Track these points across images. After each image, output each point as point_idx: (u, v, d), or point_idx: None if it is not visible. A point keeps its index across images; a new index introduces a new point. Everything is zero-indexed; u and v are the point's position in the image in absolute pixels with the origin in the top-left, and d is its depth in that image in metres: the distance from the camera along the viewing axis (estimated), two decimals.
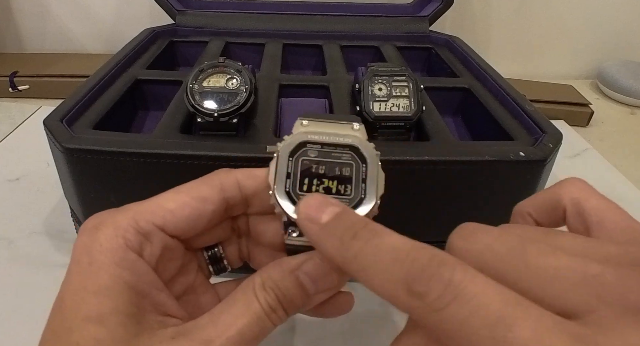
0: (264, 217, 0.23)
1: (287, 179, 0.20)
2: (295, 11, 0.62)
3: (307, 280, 0.19)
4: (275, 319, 0.19)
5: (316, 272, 0.19)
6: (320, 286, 0.20)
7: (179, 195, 0.21)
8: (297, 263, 0.19)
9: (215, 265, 0.24)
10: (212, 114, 0.33)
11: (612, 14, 0.83)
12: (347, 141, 0.21)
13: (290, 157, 0.20)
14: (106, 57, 0.48)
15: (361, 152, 0.21)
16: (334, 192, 0.20)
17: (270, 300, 0.19)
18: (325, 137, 0.21)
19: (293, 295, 0.19)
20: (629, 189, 0.55)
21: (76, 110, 0.37)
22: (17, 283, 0.38)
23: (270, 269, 0.20)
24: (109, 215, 0.20)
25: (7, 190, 0.49)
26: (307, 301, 0.20)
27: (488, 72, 0.48)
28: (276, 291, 0.19)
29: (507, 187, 0.35)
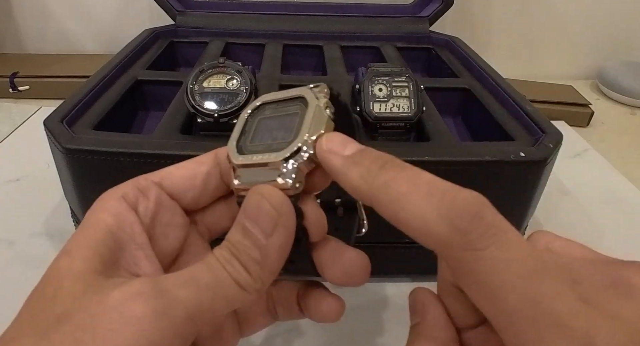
0: None
1: (241, 135, 0.21)
2: (295, 12, 0.62)
3: (249, 223, 0.18)
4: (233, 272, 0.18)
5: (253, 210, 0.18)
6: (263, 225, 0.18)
7: (179, 164, 0.22)
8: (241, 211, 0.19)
9: None
10: (213, 115, 0.33)
11: (612, 14, 0.83)
12: (295, 94, 0.21)
13: (250, 118, 0.22)
14: (106, 58, 0.48)
15: (306, 99, 0.20)
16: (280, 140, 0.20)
17: (224, 253, 0.18)
18: (279, 96, 0.22)
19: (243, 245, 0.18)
20: (629, 189, 0.55)
21: (76, 110, 0.37)
22: (18, 284, 0.38)
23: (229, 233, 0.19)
24: None
25: (8, 190, 0.49)
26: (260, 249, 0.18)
27: (488, 72, 0.48)
28: (229, 246, 0.18)
29: (508, 187, 0.35)
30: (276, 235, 0.18)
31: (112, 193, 0.20)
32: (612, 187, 0.55)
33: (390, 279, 0.40)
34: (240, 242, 0.18)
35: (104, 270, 0.18)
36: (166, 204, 0.21)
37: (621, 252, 0.46)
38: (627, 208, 0.51)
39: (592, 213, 0.50)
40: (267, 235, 0.18)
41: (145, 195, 0.21)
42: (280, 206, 0.18)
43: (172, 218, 0.22)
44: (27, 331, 0.16)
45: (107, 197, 0.20)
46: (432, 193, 0.16)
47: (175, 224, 0.22)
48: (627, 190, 0.54)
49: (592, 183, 0.55)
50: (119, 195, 0.20)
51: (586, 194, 0.53)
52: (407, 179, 0.17)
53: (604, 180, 0.56)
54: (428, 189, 0.16)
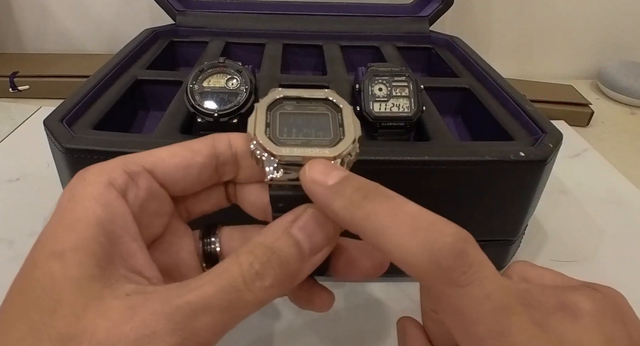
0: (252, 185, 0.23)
1: (267, 127, 0.20)
2: (295, 11, 0.62)
3: (301, 235, 0.18)
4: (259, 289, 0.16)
5: (311, 224, 0.18)
6: (316, 242, 0.18)
7: (172, 147, 0.21)
8: (289, 220, 0.18)
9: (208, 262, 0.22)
10: (212, 114, 0.33)
11: (612, 14, 0.83)
12: (319, 95, 0.22)
13: (268, 111, 0.21)
14: (106, 57, 0.48)
15: (335, 102, 0.21)
16: (314, 136, 0.20)
17: (257, 264, 0.17)
18: (299, 94, 0.22)
19: (288, 255, 0.17)
20: (629, 189, 0.55)
21: (76, 110, 0.37)
22: None
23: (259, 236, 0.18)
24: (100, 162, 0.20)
25: (7, 190, 0.49)
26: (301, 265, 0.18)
27: (488, 72, 0.48)
28: (268, 253, 0.17)
29: (507, 187, 0.35)
30: (320, 255, 0.19)
31: (97, 176, 0.18)
32: (612, 186, 0.55)
33: (390, 279, 0.40)
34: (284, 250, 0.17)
35: (101, 274, 0.16)
36: (156, 193, 0.20)
37: (620, 251, 0.46)
38: (627, 207, 0.51)
39: (592, 213, 0.50)
40: (315, 252, 0.18)
41: (136, 182, 0.19)
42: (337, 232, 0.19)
43: (160, 207, 0.21)
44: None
45: (91, 180, 0.18)
46: (417, 227, 0.16)
47: (162, 213, 0.21)
48: (626, 190, 0.54)
49: (591, 182, 0.55)
50: (105, 180, 0.18)
51: (586, 194, 0.53)
52: (390, 211, 0.17)
53: (604, 180, 0.56)
54: (412, 222, 0.16)
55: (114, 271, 0.17)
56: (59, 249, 0.16)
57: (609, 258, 0.44)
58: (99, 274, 0.16)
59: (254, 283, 0.16)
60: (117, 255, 0.18)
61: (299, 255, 0.18)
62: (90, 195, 0.18)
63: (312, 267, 0.18)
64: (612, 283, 0.19)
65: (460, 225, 0.20)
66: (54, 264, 0.16)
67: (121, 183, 0.19)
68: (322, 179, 0.18)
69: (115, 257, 0.17)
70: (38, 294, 0.16)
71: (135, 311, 0.16)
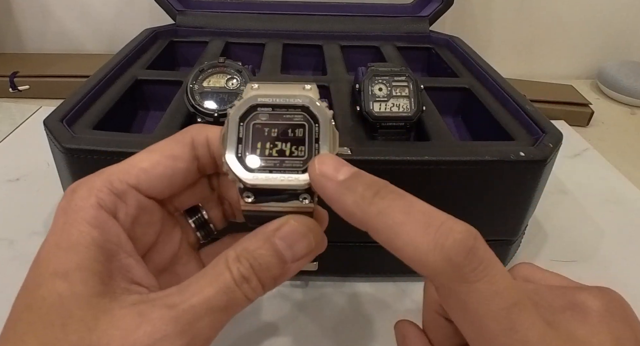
0: None
1: (238, 144, 0.20)
2: (295, 11, 0.62)
3: (283, 245, 0.19)
4: (247, 290, 0.18)
5: (292, 236, 0.19)
6: (297, 251, 0.19)
7: (151, 154, 0.21)
8: (272, 229, 0.19)
9: (202, 230, 0.24)
10: (212, 114, 0.33)
11: (612, 14, 0.83)
12: (297, 101, 0.20)
13: (241, 122, 0.20)
14: (106, 57, 0.48)
15: (312, 112, 0.20)
16: (287, 154, 0.20)
17: (243, 270, 0.18)
18: (275, 99, 0.20)
19: (268, 262, 0.19)
20: (629, 189, 0.55)
21: (76, 110, 0.37)
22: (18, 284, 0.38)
23: (244, 241, 0.19)
24: (86, 178, 0.20)
25: (8, 190, 0.49)
26: (283, 269, 0.19)
27: (488, 72, 0.48)
28: (251, 261, 0.18)
29: (507, 187, 0.35)
30: (303, 260, 0.19)
31: (86, 199, 0.19)
32: (612, 186, 0.55)
33: (390, 279, 0.40)
34: (266, 258, 0.18)
35: (106, 290, 0.18)
36: (145, 206, 0.21)
37: (621, 251, 0.46)
38: (627, 207, 0.51)
39: (592, 213, 0.50)
40: (296, 259, 0.19)
41: (124, 200, 0.20)
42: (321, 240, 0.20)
43: (151, 216, 0.21)
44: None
45: (82, 205, 0.19)
46: (429, 224, 0.17)
47: (154, 221, 0.22)
48: (626, 190, 0.54)
49: (591, 182, 0.55)
50: (95, 203, 0.19)
51: (586, 194, 0.53)
52: (402, 208, 0.17)
53: (604, 180, 0.56)
54: (424, 219, 0.17)
55: (116, 286, 0.18)
56: (62, 269, 0.17)
57: (609, 258, 0.44)
58: (103, 290, 0.18)
59: (242, 285, 0.18)
60: (117, 271, 0.19)
61: (279, 262, 0.19)
62: (83, 219, 0.19)
63: (296, 269, 0.20)
64: (612, 283, 0.20)
65: None
66: (59, 283, 0.17)
67: (110, 204, 0.19)
68: (332, 174, 0.18)
69: (114, 272, 0.19)
70: (46, 311, 0.17)
71: (144, 318, 0.17)
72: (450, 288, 0.17)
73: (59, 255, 0.18)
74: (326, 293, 0.38)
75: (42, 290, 0.17)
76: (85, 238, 0.18)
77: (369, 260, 0.39)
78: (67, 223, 0.19)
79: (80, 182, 0.20)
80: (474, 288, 0.16)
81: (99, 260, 0.18)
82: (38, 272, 0.18)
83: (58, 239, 0.18)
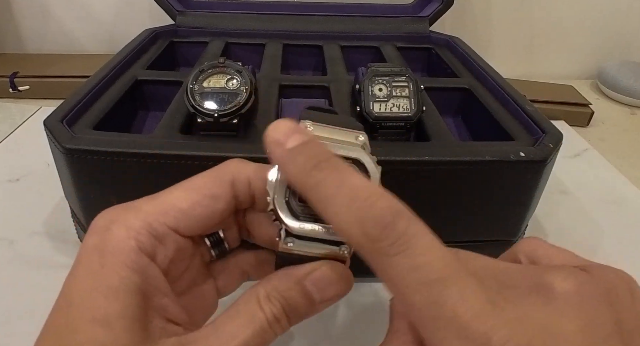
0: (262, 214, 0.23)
1: (287, 189, 0.20)
2: (295, 11, 0.62)
3: (314, 289, 0.19)
4: (278, 329, 0.19)
5: (324, 281, 0.20)
6: (326, 295, 0.20)
7: (190, 193, 0.21)
8: (304, 273, 0.20)
9: (216, 249, 0.24)
10: (212, 115, 0.33)
11: (612, 14, 0.83)
12: (352, 155, 0.20)
13: None
14: (106, 58, 0.48)
15: (365, 167, 0.21)
16: None
17: (275, 311, 0.19)
18: (330, 144, 0.20)
19: (299, 304, 0.19)
20: (629, 189, 0.55)
21: (76, 110, 0.37)
22: (18, 284, 0.38)
23: (274, 280, 0.20)
24: (120, 214, 0.20)
25: (8, 190, 0.49)
26: (311, 309, 0.20)
27: (488, 72, 0.48)
28: (282, 301, 0.19)
29: (508, 187, 0.35)
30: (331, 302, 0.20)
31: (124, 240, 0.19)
32: (612, 186, 0.55)
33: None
34: (296, 299, 0.19)
35: (146, 336, 0.18)
36: (182, 248, 0.21)
37: (621, 251, 0.46)
38: (627, 208, 0.51)
39: (592, 213, 0.50)
40: (325, 302, 0.20)
41: (163, 243, 0.20)
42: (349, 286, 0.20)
43: (186, 254, 0.21)
44: None
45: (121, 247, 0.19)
46: (354, 198, 0.17)
47: (188, 258, 0.22)
48: (627, 190, 0.54)
49: (592, 183, 0.55)
50: (134, 246, 0.19)
51: (586, 194, 0.53)
52: (335, 182, 0.17)
53: (604, 180, 0.56)
54: (351, 194, 0.17)
55: (155, 327, 0.19)
56: (102, 316, 0.17)
57: (609, 258, 0.44)
58: (144, 336, 0.18)
59: (274, 325, 0.19)
60: (154, 312, 0.19)
61: (308, 304, 0.20)
62: (124, 263, 0.18)
63: (324, 308, 0.20)
64: None
65: (461, 225, 0.20)
66: (100, 331, 0.17)
67: (149, 248, 0.19)
68: (282, 140, 0.19)
69: (152, 313, 0.19)
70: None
71: None
72: (372, 261, 0.17)
73: (97, 300, 0.17)
74: None
75: (80, 336, 0.17)
76: (127, 284, 0.18)
77: None
78: (105, 266, 0.18)
79: (113, 216, 0.20)
80: (391, 261, 0.16)
81: (140, 306, 0.18)
82: (72, 316, 0.17)
83: (95, 283, 0.18)
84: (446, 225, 0.21)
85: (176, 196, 0.21)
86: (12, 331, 0.34)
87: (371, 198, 0.17)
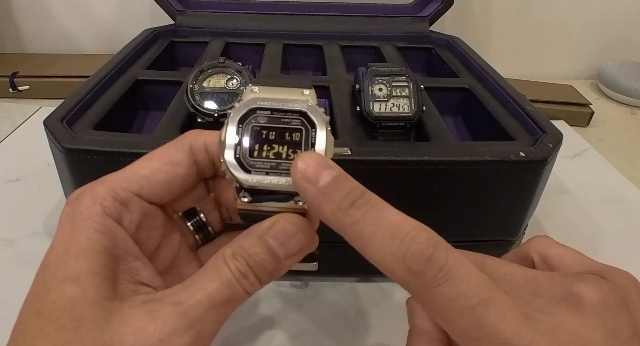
0: None
1: (237, 146, 0.20)
2: (295, 11, 0.62)
3: (275, 242, 0.20)
4: (246, 285, 0.19)
5: (284, 235, 0.20)
6: (289, 248, 0.20)
7: (151, 161, 0.22)
8: (264, 228, 0.20)
9: (200, 233, 0.25)
10: (212, 114, 0.33)
11: (612, 14, 0.83)
12: (296, 107, 0.21)
13: (240, 124, 0.21)
14: (106, 58, 0.48)
15: (310, 117, 0.21)
16: (284, 157, 0.20)
17: (240, 266, 0.19)
18: (274, 103, 0.21)
19: (263, 259, 0.20)
20: (629, 189, 0.55)
21: (76, 110, 0.37)
22: (18, 284, 0.38)
23: (239, 239, 0.20)
24: (88, 187, 0.21)
25: (8, 190, 0.49)
26: (278, 265, 0.20)
27: (488, 72, 0.48)
28: (247, 258, 0.19)
29: (508, 187, 0.35)
30: (296, 257, 0.20)
31: (91, 207, 0.20)
32: (612, 186, 0.55)
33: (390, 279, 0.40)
34: (260, 255, 0.20)
35: (115, 292, 0.19)
36: (147, 212, 0.22)
37: (621, 251, 0.46)
38: (627, 208, 0.51)
39: (592, 213, 0.50)
40: (289, 256, 0.20)
41: (127, 207, 0.21)
42: (312, 238, 0.21)
43: (154, 221, 0.22)
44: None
45: (88, 213, 0.20)
46: (395, 236, 0.17)
47: (157, 225, 0.22)
48: (627, 190, 0.54)
49: (592, 183, 0.55)
50: (100, 211, 0.20)
51: (586, 194, 0.53)
52: (373, 220, 0.18)
53: (604, 180, 0.56)
54: (391, 231, 0.18)
55: (125, 288, 0.19)
56: (73, 275, 0.18)
57: (609, 258, 0.43)
58: (113, 293, 0.19)
59: (241, 281, 0.19)
60: (124, 274, 0.20)
61: (273, 259, 0.20)
62: (91, 227, 0.19)
63: (290, 264, 0.21)
64: None
65: (461, 225, 0.20)
66: (70, 288, 0.18)
67: (114, 212, 0.20)
68: (313, 178, 0.18)
69: (122, 276, 0.20)
70: (57, 315, 0.17)
71: (154, 315, 0.18)
72: (417, 293, 0.18)
73: (68, 261, 0.19)
74: (325, 293, 0.38)
75: (52, 295, 0.18)
76: (95, 245, 0.19)
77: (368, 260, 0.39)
78: (74, 230, 0.19)
79: (83, 189, 0.21)
80: (436, 292, 0.17)
81: (108, 265, 0.19)
82: (47, 278, 0.19)
83: (66, 246, 0.19)
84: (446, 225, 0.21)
85: (139, 165, 0.22)
86: None
87: (411, 234, 0.17)
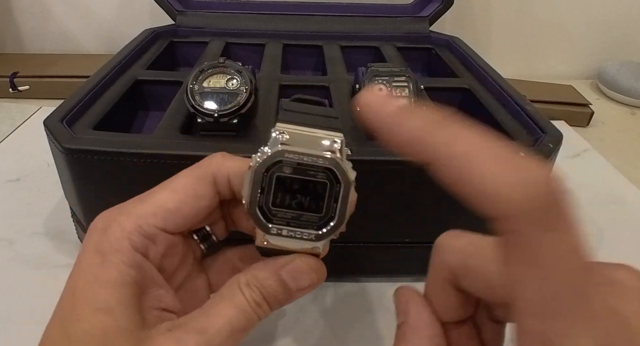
0: None
1: (260, 194, 0.21)
2: (295, 11, 0.62)
3: (288, 277, 0.21)
4: (260, 313, 0.21)
5: (298, 272, 0.22)
6: (301, 284, 0.22)
7: (175, 194, 0.23)
8: (280, 264, 0.22)
9: (205, 242, 0.25)
10: (212, 115, 0.33)
11: (612, 14, 0.83)
12: (324, 163, 0.21)
13: (265, 172, 0.21)
14: (106, 58, 0.48)
15: (337, 175, 0.21)
16: (306, 208, 0.21)
17: (255, 297, 0.21)
18: (302, 157, 0.21)
19: (276, 292, 0.21)
20: (629, 189, 0.55)
21: (76, 110, 0.37)
22: (18, 284, 0.38)
23: (255, 269, 0.22)
24: (114, 217, 0.22)
25: (8, 190, 0.49)
26: (289, 296, 0.22)
27: (488, 72, 0.48)
28: (260, 289, 0.21)
29: None
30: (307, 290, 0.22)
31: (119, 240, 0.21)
32: (612, 186, 0.55)
33: (390, 279, 0.40)
34: (274, 288, 0.21)
35: (143, 321, 0.20)
36: (172, 244, 0.23)
37: (621, 251, 0.46)
38: (627, 208, 0.51)
39: (592, 213, 0.50)
40: (300, 290, 0.22)
41: (154, 242, 0.22)
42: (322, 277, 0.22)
43: (176, 248, 0.23)
44: None
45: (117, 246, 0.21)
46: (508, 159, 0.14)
47: (178, 251, 0.24)
48: (627, 190, 0.54)
49: (592, 183, 0.55)
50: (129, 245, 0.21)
51: (586, 194, 0.53)
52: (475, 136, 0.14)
53: (604, 180, 0.56)
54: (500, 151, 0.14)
55: (150, 316, 0.21)
56: (104, 305, 0.19)
57: (609, 258, 0.43)
58: (141, 322, 0.20)
59: (256, 309, 0.21)
60: (149, 302, 0.21)
61: (285, 292, 0.22)
62: (121, 260, 0.21)
63: (301, 296, 0.22)
64: None
65: (460, 225, 0.20)
66: (103, 318, 0.19)
67: (141, 247, 0.21)
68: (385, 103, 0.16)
69: (148, 304, 0.21)
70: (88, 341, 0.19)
71: (182, 344, 0.19)
72: (525, 235, 0.13)
73: (99, 291, 0.20)
74: (325, 293, 0.38)
75: (84, 323, 0.19)
76: (124, 278, 0.20)
77: (369, 261, 0.39)
78: (105, 262, 0.20)
79: (109, 219, 0.22)
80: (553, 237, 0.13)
81: (136, 295, 0.20)
82: (77, 305, 0.20)
83: (97, 276, 0.20)
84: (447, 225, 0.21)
85: (163, 197, 0.23)
86: (12, 331, 0.34)
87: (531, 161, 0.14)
